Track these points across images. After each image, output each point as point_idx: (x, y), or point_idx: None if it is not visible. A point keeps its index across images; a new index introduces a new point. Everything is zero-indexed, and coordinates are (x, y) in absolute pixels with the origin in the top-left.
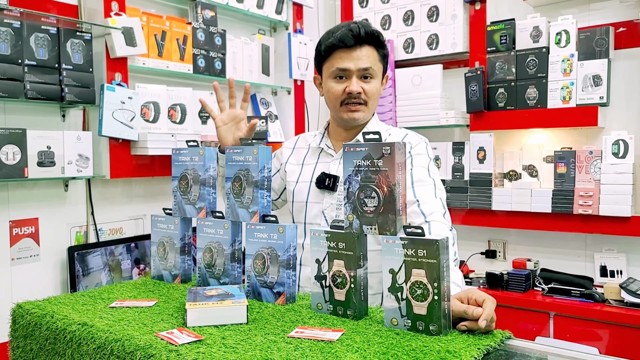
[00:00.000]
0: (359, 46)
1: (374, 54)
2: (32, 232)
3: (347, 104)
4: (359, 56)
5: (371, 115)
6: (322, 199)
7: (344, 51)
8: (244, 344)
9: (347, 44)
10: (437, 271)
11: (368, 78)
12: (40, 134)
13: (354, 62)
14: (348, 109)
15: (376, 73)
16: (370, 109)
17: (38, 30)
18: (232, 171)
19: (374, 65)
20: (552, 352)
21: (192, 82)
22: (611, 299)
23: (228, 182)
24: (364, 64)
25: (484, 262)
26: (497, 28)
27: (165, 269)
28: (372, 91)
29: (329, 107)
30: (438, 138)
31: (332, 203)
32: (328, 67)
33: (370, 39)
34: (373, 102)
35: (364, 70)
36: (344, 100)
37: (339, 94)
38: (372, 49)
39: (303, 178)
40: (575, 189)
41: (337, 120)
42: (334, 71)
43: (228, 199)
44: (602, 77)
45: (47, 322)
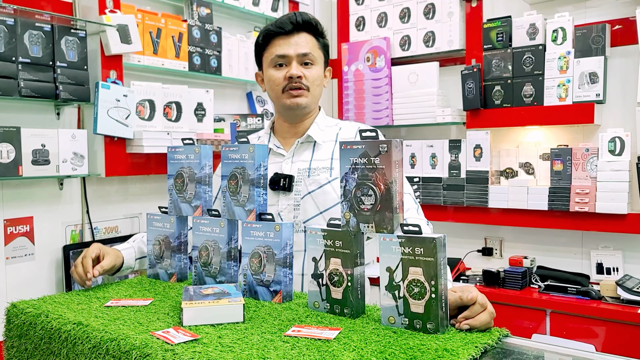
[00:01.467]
0: (297, 32)
1: (312, 41)
2: (27, 230)
3: (289, 90)
4: (298, 42)
5: (316, 104)
6: (277, 201)
7: (282, 38)
8: (241, 343)
9: (285, 29)
10: (434, 269)
11: (309, 64)
12: (34, 132)
13: (292, 47)
14: (290, 94)
15: (316, 60)
16: (313, 95)
17: (32, 27)
18: (228, 169)
19: (313, 51)
20: (549, 350)
21: (187, 79)
22: (607, 296)
23: (224, 180)
24: (303, 49)
25: (481, 259)
26: (493, 25)
27: (161, 267)
28: (313, 77)
29: (272, 98)
30: (434, 136)
31: (288, 204)
32: (267, 56)
33: (308, 26)
34: (316, 89)
35: (303, 55)
36: (285, 86)
37: (280, 80)
38: (311, 36)
39: None
40: (572, 186)
41: (281, 112)
42: (274, 59)
43: (224, 197)
44: (599, 75)
45: (42, 322)
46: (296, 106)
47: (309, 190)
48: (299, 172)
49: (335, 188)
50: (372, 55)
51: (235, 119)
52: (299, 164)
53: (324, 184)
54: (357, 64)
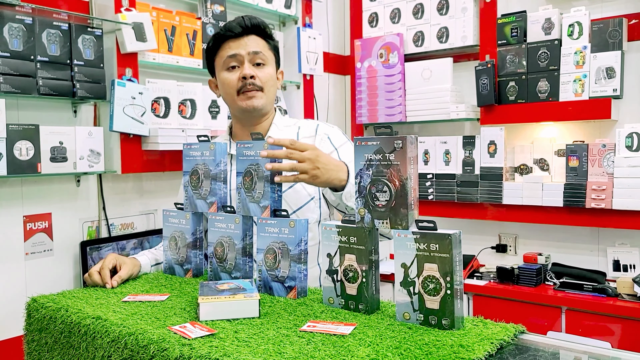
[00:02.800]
0: (246, 35)
1: (262, 42)
2: (46, 227)
3: (243, 92)
4: (247, 42)
5: (271, 105)
6: None
7: (232, 41)
8: (257, 338)
9: (234, 32)
10: (449, 265)
11: (260, 65)
12: (52, 129)
13: (243, 47)
14: (245, 96)
15: (268, 60)
16: (268, 96)
17: (50, 26)
18: (243, 166)
19: (264, 51)
20: (565, 347)
21: (202, 77)
22: (624, 294)
23: (239, 177)
24: (254, 47)
25: (495, 256)
26: (508, 21)
27: (177, 263)
28: (266, 77)
29: (227, 102)
30: (448, 132)
31: None
32: (219, 60)
33: (256, 29)
34: (270, 89)
35: (254, 54)
36: (240, 88)
37: (234, 82)
38: (260, 38)
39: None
40: (588, 182)
41: (237, 115)
42: (226, 61)
43: (239, 193)
44: (616, 70)
45: (61, 316)
46: (252, 109)
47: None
48: None
49: (306, 186)
50: (385, 51)
51: None
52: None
53: (294, 184)
54: (370, 60)
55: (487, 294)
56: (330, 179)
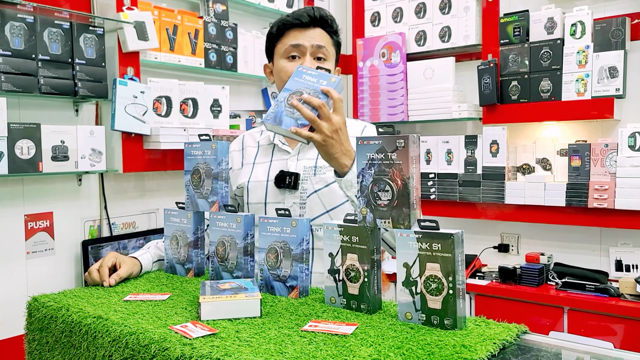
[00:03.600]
0: (312, 26)
1: (327, 37)
2: (47, 226)
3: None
4: (313, 35)
5: None
6: (282, 199)
7: (297, 30)
8: (258, 338)
9: (302, 22)
10: (452, 265)
11: (322, 60)
12: (54, 128)
13: (307, 39)
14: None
15: (329, 56)
16: None
17: (51, 25)
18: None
19: (327, 47)
20: (567, 347)
21: (203, 76)
22: (626, 294)
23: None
24: (318, 41)
25: (497, 256)
26: (510, 20)
27: (178, 262)
28: None
29: (280, 90)
30: (450, 131)
31: (294, 202)
32: (280, 47)
33: (323, 22)
34: None
35: (318, 47)
36: None
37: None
38: (325, 32)
39: (256, 177)
40: (590, 182)
41: None
42: (287, 49)
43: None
44: (618, 69)
45: (62, 315)
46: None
47: (315, 189)
48: (305, 170)
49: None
50: (388, 50)
51: (251, 115)
52: (305, 162)
53: (331, 183)
54: (372, 59)
55: (490, 294)
56: (336, 155)
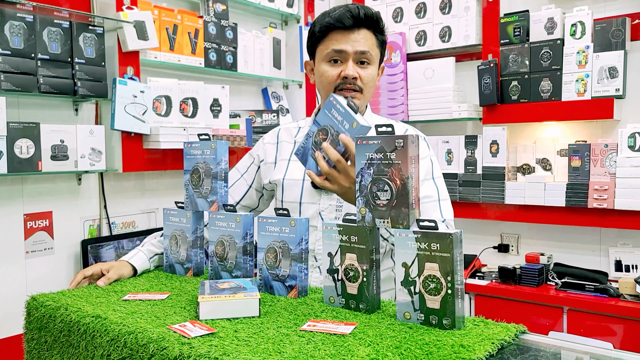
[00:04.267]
0: (357, 28)
1: (372, 39)
2: (47, 225)
3: (341, 90)
4: (357, 39)
5: (365, 104)
6: (318, 200)
7: (340, 33)
8: (257, 337)
9: (345, 24)
10: (450, 265)
11: (365, 64)
12: (53, 127)
13: (351, 44)
14: (342, 95)
15: (373, 59)
16: (365, 97)
17: (51, 24)
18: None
19: (371, 50)
20: (566, 347)
21: (203, 75)
22: (626, 294)
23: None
24: (362, 46)
25: (497, 256)
26: (510, 20)
27: (177, 262)
28: (368, 78)
29: (321, 93)
30: (450, 131)
31: (330, 204)
32: (322, 49)
33: (369, 22)
34: (368, 90)
35: (361, 53)
36: (338, 85)
37: (333, 78)
38: (371, 33)
39: (291, 175)
40: (590, 182)
41: None
42: (329, 53)
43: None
44: (618, 69)
45: (61, 315)
46: None
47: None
48: None
49: None
50: (388, 50)
51: (251, 115)
52: None
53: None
54: None
55: (489, 294)
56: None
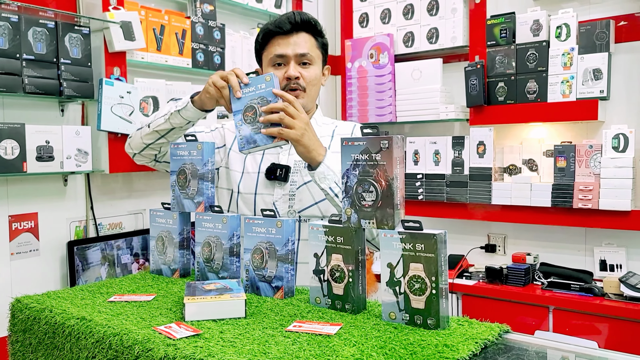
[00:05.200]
0: (295, 32)
1: (311, 41)
2: (32, 226)
3: (287, 91)
4: (296, 42)
5: (312, 103)
6: (272, 191)
7: (281, 37)
8: (242, 338)
9: (283, 29)
10: (435, 265)
11: (307, 64)
12: (38, 128)
13: (291, 47)
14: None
15: (314, 59)
16: (310, 95)
17: (36, 24)
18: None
19: (311, 51)
20: (550, 346)
21: (191, 76)
22: (610, 293)
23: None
24: (301, 49)
25: (484, 256)
26: (497, 22)
27: (164, 263)
28: (310, 77)
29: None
30: (438, 132)
31: (284, 194)
32: (266, 54)
33: (307, 26)
34: (312, 88)
35: (301, 55)
36: (284, 87)
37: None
38: (310, 36)
39: (249, 169)
40: (575, 183)
41: None
42: (272, 58)
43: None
44: (603, 71)
45: (45, 317)
46: None
47: (305, 181)
48: (296, 163)
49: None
50: (376, 51)
51: None
52: (296, 156)
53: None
54: (360, 60)
55: (476, 294)
56: (314, 146)
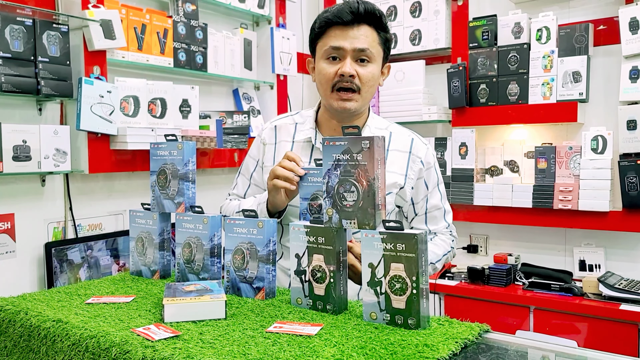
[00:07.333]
0: (356, 24)
1: (372, 35)
2: (8, 227)
3: (338, 91)
4: (356, 35)
5: (366, 105)
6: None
7: (339, 28)
8: (222, 340)
9: (343, 20)
10: (415, 265)
11: (365, 62)
12: (15, 127)
13: (349, 40)
14: (339, 96)
15: (374, 57)
16: (364, 98)
17: (13, 21)
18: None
19: (371, 47)
20: (530, 345)
21: (172, 76)
22: (590, 293)
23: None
24: (361, 44)
25: (466, 257)
26: (479, 24)
27: (144, 264)
28: (367, 76)
29: (320, 92)
30: (421, 133)
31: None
32: (321, 45)
33: (370, 18)
34: (368, 90)
35: (360, 51)
36: (335, 84)
37: (331, 76)
38: (372, 29)
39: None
40: (555, 184)
41: (328, 108)
42: (327, 50)
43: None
44: (582, 74)
45: (21, 319)
46: (343, 110)
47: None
48: None
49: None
50: None
51: (221, 116)
52: None
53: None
54: None
55: (458, 294)
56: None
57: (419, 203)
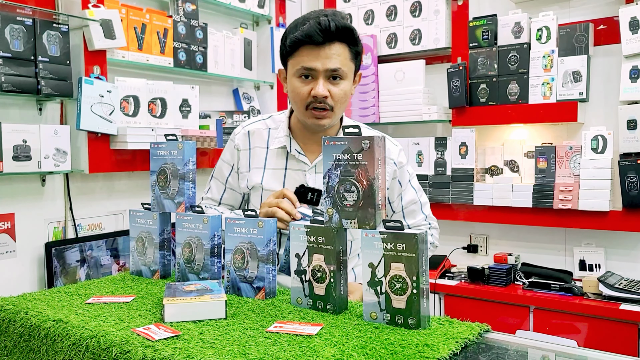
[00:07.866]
0: (328, 43)
1: (345, 52)
2: (8, 227)
3: (312, 109)
4: (328, 55)
5: (338, 118)
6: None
7: (310, 48)
8: (222, 339)
9: (314, 41)
10: (416, 265)
11: (337, 79)
12: (15, 127)
13: (321, 61)
14: (313, 114)
15: (346, 74)
16: (337, 113)
17: (13, 21)
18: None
19: (343, 66)
20: (530, 345)
21: (172, 75)
22: (590, 293)
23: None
24: (333, 64)
25: (466, 256)
26: (479, 24)
27: (144, 264)
28: (339, 95)
29: (293, 106)
30: (421, 133)
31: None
32: (293, 64)
33: (341, 34)
34: (340, 106)
35: (332, 71)
36: (309, 104)
37: (304, 96)
38: (344, 46)
39: (269, 184)
40: (556, 184)
41: (301, 121)
42: (299, 70)
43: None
44: (582, 73)
45: (21, 319)
46: (317, 127)
47: None
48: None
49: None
50: None
51: (221, 116)
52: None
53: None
54: None
55: (458, 294)
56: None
57: (395, 202)
